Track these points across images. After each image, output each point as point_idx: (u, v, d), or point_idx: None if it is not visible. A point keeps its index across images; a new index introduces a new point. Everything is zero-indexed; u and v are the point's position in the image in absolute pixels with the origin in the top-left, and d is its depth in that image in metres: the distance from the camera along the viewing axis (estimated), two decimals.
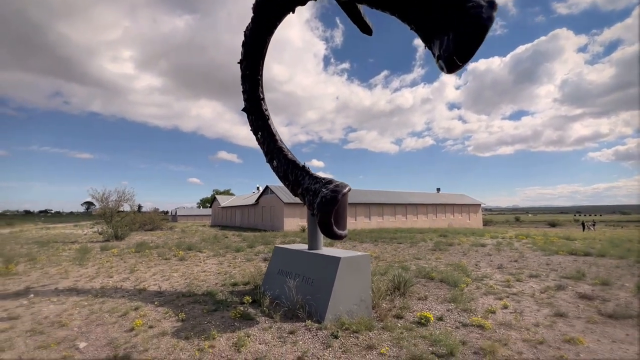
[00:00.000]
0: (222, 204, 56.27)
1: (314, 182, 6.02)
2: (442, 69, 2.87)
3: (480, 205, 56.64)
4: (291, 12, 6.55)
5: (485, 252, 14.75)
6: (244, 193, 61.16)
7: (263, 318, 5.18)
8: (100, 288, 7.52)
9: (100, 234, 19.88)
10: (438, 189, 57.28)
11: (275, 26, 7.08)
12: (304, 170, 6.60)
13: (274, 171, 7.77)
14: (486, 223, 68.40)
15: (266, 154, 8.04)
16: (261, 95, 8.25)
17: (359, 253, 5.75)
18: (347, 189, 5.15)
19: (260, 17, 6.94)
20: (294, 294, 5.37)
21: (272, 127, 8.10)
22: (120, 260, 11.93)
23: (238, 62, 8.11)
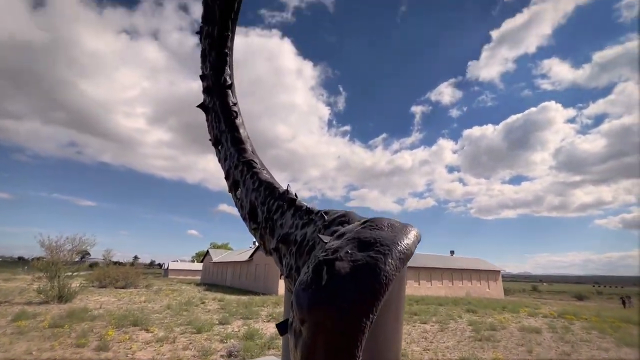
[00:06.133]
0: (214, 259, 51.22)
1: (305, 221, 2.07)
2: None
3: (499, 272, 50.79)
4: None
5: (552, 345, 10.36)
6: (242, 247, 55.19)
7: None
8: None
9: (39, 292, 15.53)
10: (452, 252, 52.04)
11: None
12: (285, 199, 2.53)
13: (237, 207, 3.76)
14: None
15: (227, 175, 3.98)
16: (229, 81, 4.64)
17: None
18: (410, 237, 1.23)
19: None
20: None
21: (240, 131, 4.15)
22: (9, 343, 7.73)
23: (196, 32, 4.75)
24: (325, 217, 1.83)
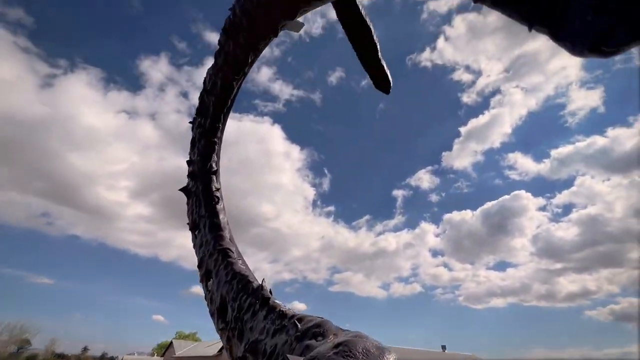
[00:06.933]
0: (178, 353, 44.96)
1: (277, 327, 1.84)
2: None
3: None
4: (273, 36, 3.71)
5: None
6: (213, 338, 47.48)
7: None
8: None
9: None
10: (443, 347, 47.91)
11: (248, 62, 4.06)
12: (258, 297, 2.28)
13: (206, 300, 3.38)
14: None
15: (200, 263, 3.63)
16: (214, 167, 4.61)
17: None
18: None
19: (229, 48, 4.16)
20: None
21: (220, 216, 3.95)
22: None
23: (190, 122, 4.88)
24: (299, 326, 1.66)
